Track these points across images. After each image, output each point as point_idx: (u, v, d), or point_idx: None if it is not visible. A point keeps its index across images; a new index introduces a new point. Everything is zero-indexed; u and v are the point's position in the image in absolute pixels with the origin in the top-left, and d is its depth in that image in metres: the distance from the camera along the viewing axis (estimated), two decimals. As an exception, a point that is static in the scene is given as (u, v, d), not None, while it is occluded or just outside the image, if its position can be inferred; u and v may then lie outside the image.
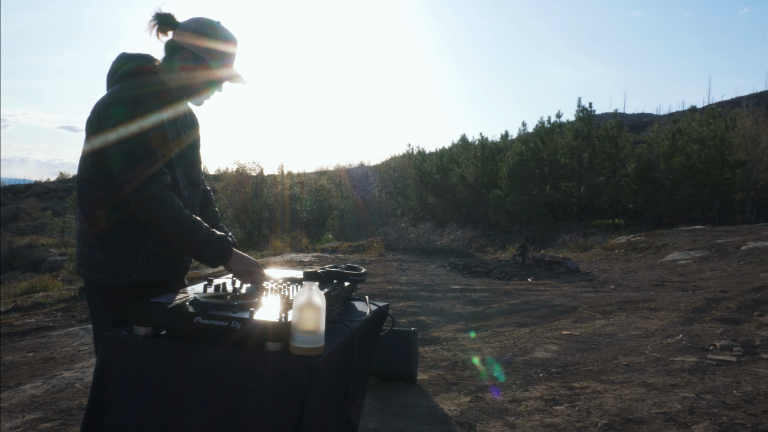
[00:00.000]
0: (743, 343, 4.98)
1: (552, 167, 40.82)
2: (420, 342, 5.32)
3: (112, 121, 1.92)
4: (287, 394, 1.62)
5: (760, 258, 11.53)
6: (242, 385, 1.66)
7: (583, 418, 3.39)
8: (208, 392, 1.68)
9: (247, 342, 1.67)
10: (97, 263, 2.06)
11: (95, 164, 2.00)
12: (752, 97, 68.47)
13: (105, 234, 2.05)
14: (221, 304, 1.80)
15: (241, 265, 2.09)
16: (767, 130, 36.39)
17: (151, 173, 1.92)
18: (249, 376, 1.66)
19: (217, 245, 2.02)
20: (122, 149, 1.91)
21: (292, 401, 1.61)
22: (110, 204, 2.01)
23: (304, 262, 11.63)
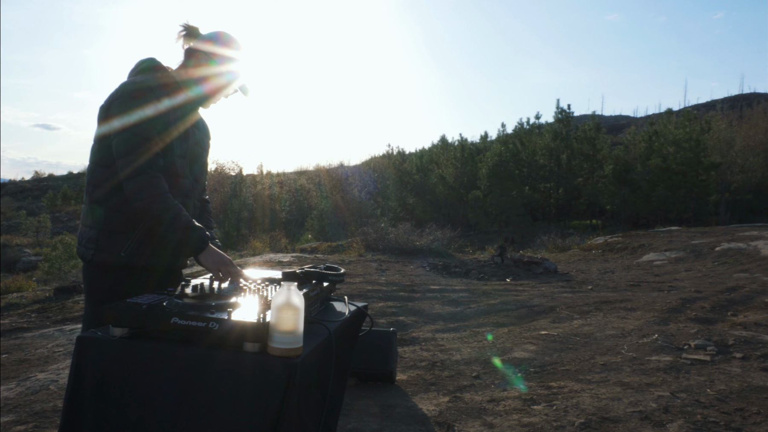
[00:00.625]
0: (717, 342, 5.06)
1: (531, 168, 41.11)
2: (399, 342, 5.33)
3: (118, 106, 2.10)
4: (265, 395, 1.61)
5: (733, 259, 11.72)
6: (220, 386, 1.65)
7: (560, 417, 3.42)
8: (185, 393, 1.67)
9: (225, 343, 1.66)
10: (89, 240, 2.19)
11: (102, 146, 2.16)
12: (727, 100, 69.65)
13: (104, 213, 2.17)
14: (199, 305, 1.79)
15: (213, 260, 2.14)
16: (741, 132, 37.04)
17: (143, 151, 2.07)
18: (227, 377, 1.65)
19: (191, 234, 2.10)
20: (124, 128, 2.07)
21: (270, 402, 1.61)
22: (112, 185, 2.15)
23: (283, 262, 11.59)
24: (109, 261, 2.16)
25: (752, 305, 6.76)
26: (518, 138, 42.80)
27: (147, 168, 2.06)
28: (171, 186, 2.19)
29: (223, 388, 1.65)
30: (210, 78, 2.33)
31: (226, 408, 1.64)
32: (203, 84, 2.34)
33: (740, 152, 35.00)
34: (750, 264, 10.97)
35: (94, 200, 2.18)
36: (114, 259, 2.16)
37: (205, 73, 2.32)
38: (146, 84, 2.16)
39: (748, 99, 67.00)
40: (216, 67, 2.31)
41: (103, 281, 2.18)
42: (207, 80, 2.33)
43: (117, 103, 2.11)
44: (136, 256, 2.18)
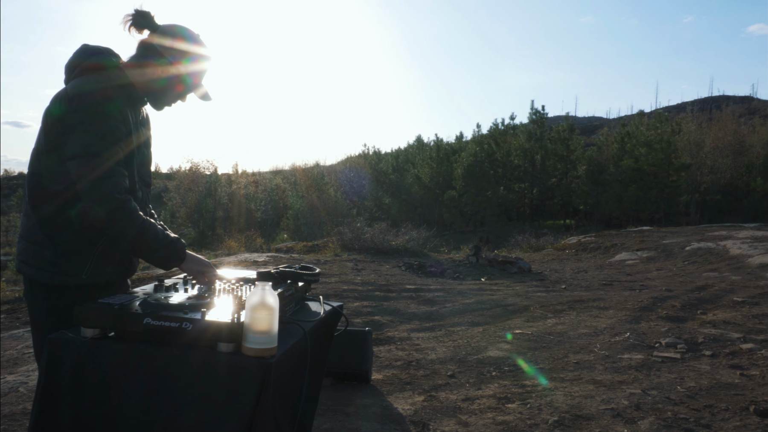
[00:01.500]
0: (687, 340, 5.15)
1: (505, 168, 41.45)
2: (374, 342, 5.33)
3: (75, 116, 1.86)
4: (240, 395, 1.60)
5: (703, 258, 11.93)
6: (194, 387, 1.64)
7: (534, 415, 3.45)
8: (159, 394, 1.65)
9: (199, 343, 1.65)
10: (44, 261, 1.98)
11: (51, 158, 1.92)
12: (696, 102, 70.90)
13: (55, 232, 1.97)
14: (172, 305, 1.77)
15: (195, 266, 2.06)
16: (710, 134, 37.76)
17: (107, 171, 1.86)
18: (201, 377, 1.64)
19: (172, 248, 1.99)
20: (82, 144, 1.84)
21: (244, 402, 1.60)
22: (63, 200, 1.93)
23: (259, 262, 11.52)
24: (70, 284, 2.00)
25: (721, 304, 6.89)
26: (493, 138, 43.13)
27: (115, 191, 1.85)
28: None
29: (197, 388, 1.64)
30: (170, 85, 2.09)
31: (200, 408, 1.63)
32: (161, 92, 2.10)
33: (710, 153, 35.69)
34: (719, 263, 11.18)
35: (45, 217, 1.97)
36: (75, 282, 2.00)
37: (165, 80, 2.07)
38: (104, 90, 1.92)
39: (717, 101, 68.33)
40: (178, 75, 2.07)
41: (58, 303, 2.00)
42: (166, 88, 2.09)
43: (76, 115, 1.86)
44: (96, 275, 2.04)
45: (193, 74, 2.10)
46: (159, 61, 2.04)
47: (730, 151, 36.28)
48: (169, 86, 2.09)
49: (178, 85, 2.10)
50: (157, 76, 2.06)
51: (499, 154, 41.79)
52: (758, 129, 41.18)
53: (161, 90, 2.10)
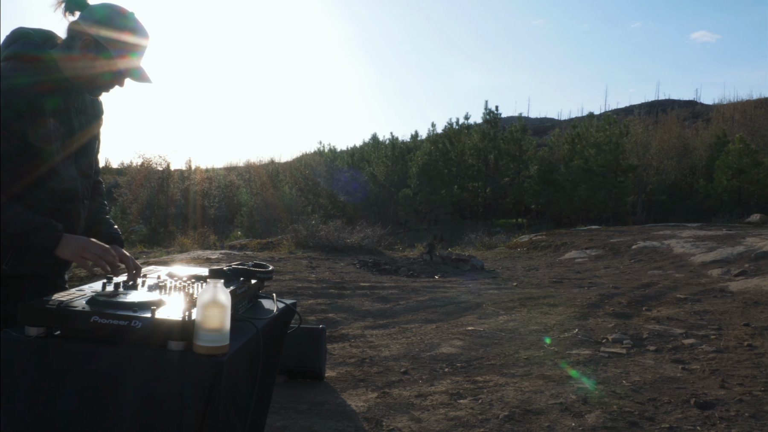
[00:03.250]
0: (632, 336, 5.31)
1: (460, 168, 41.87)
2: (328, 339, 5.33)
3: None
4: (191, 394, 1.59)
5: (648, 256, 12.30)
6: (143, 386, 1.61)
7: (485, 410, 3.51)
8: (108, 395, 1.62)
9: (148, 341, 1.62)
10: None
11: None
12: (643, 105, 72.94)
13: None
14: (120, 303, 1.74)
15: (70, 249, 1.92)
16: (656, 136, 38.95)
17: None
18: (150, 376, 1.61)
19: (41, 234, 1.86)
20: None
21: (196, 401, 1.58)
22: None
23: (212, 259, 11.37)
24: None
25: (665, 300, 7.13)
26: (448, 138, 43.50)
27: None
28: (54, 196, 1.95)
29: (147, 387, 1.61)
30: (103, 70, 1.95)
31: (150, 408, 1.61)
32: (94, 78, 1.97)
33: (655, 155, 36.81)
34: (663, 261, 11.54)
35: None
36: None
37: (97, 65, 1.93)
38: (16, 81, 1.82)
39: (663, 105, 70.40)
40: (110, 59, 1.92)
41: None
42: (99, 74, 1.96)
43: None
44: (18, 266, 1.94)
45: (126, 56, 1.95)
46: (88, 46, 1.91)
47: (675, 153, 37.49)
48: (99, 71, 1.96)
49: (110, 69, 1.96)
50: (87, 62, 1.93)
51: (454, 154, 42.19)
52: (701, 132, 42.66)
53: (92, 77, 1.97)
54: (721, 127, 40.00)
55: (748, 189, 30.39)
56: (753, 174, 29.56)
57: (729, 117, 45.02)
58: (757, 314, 6.13)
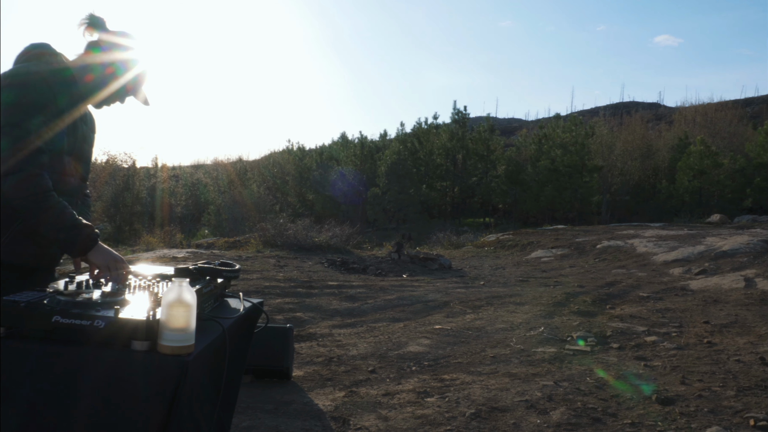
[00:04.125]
0: (596, 334, 5.40)
1: (428, 167, 42.04)
2: (296, 338, 5.31)
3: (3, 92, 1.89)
4: (155, 395, 1.57)
5: (612, 255, 12.51)
6: (107, 387, 1.59)
7: (452, 408, 3.54)
8: (70, 396, 1.59)
9: (112, 342, 1.60)
10: None
11: None
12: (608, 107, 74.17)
13: None
14: (83, 302, 1.71)
15: (104, 257, 2.01)
16: (621, 138, 39.63)
17: (27, 145, 1.87)
18: (114, 377, 1.59)
19: (76, 232, 1.94)
20: (6, 119, 1.85)
21: (160, 401, 1.57)
22: None
23: (178, 258, 11.23)
24: None
25: (628, 299, 7.26)
26: (416, 137, 43.64)
27: (28, 164, 1.86)
28: (57, 185, 2.02)
29: (110, 388, 1.59)
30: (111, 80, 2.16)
31: (113, 409, 1.59)
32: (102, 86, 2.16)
33: (620, 156, 37.44)
34: (627, 261, 11.76)
35: None
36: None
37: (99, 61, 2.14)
38: (37, 71, 1.97)
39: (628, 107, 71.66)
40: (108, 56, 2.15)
41: None
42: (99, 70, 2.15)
43: (4, 91, 1.89)
44: (11, 255, 1.99)
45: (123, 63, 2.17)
46: (92, 50, 2.13)
47: (639, 155, 38.18)
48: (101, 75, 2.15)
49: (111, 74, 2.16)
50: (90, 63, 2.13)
51: (422, 153, 42.35)
52: (664, 134, 43.54)
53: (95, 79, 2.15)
54: (683, 129, 40.85)
55: (708, 190, 31.11)
56: (713, 175, 30.30)
57: (691, 119, 46.01)
58: (716, 312, 6.28)
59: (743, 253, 10.35)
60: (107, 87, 2.19)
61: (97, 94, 2.19)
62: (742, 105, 53.56)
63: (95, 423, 1.59)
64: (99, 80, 2.17)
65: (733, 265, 9.57)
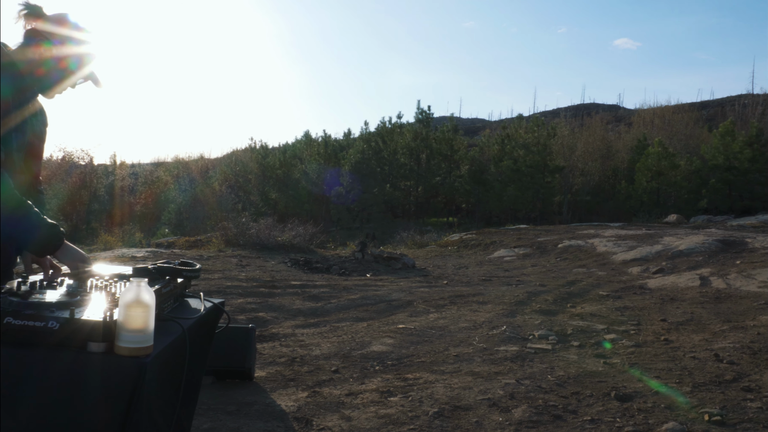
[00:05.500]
0: (557, 332, 5.47)
1: (392, 166, 42.09)
2: (258, 338, 5.26)
3: None
4: (113, 398, 1.53)
5: (573, 255, 12.72)
6: (62, 390, 1.55)
7: (415, 407, 3.54)
8: (24, 399, 1.54)
9: (67, 343, 1.56)
10: None
11: None
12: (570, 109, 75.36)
13: None
14: (36, 303, 1.66)
15: (72, 256, 1.98)
16: (582, 139, 40.29)
17: None
18: (69, 380, 1.55)
19: (53, 230, 1.91)
20: None
21: (117, 404, 1.53)
22: None
23: (137, 257, 11.03)
24: None
25: (588, 297, 7.39)
26: (380, 136, 43.64)
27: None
28: None
29: (65, 391, 1.55)
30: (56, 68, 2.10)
31: (69, 413, 1.54)
32: (48, 75, 2.10)
33: (581, 157, 38.06)
34: (587, 260, 11.97)
35: None
36: None
37: (50, 56, 2.08)
38: None
39: (588, 108, 72.90)
40: (61, 50, 2.09)
41: None
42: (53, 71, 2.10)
43: None
44: None
45: (77, 58, 2.12)
46: (44, 44, 2.07)
47: (599, 156, 38.86)
48: (54, 69, 2.10)
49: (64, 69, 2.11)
50: (42, 58, 2.07)
51: (386, 152, 42.38)
52: (623, 135, 44.40)
53: (47, 73, 2.10)
54: (642, 130, 41.71)
55: (665, 190, 31.82)
56: (670, 176, 31.01)
57: (649, 121, 47.04)
58: (673, 310, 6.43)
59: (699, 252, 10.62)
60: (61, 82, 2.14)
61: (47, 87, 2.15)
62: (698, 108, 55.01)
63: (49, 427, 1.54)
64: (52, 74, 2.12)
65: (689, 264, 9.82)
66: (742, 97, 58.06)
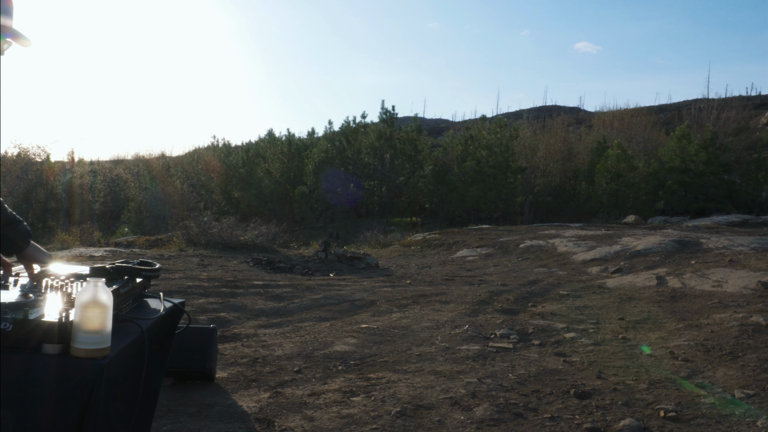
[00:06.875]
0: (519, 331, 5.54)
1: (356, 166, 42.05)
2: (220, 339, 5.20)
3: None
4: (69, 399, 1.50)
5: (534, 255, 12.89)
6: (16, 393, 1.51)
7: (378, 407, 3.55)
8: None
9: (21, 345, 1.52)
10: None
11: None
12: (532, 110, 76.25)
13: None
14: (-11, 304, 1.61)
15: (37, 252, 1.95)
16: (544, 140, 40.90)
17: None
18: (24, 382, 1.51)
19: (23, 228, 1.86)
20: None
21: (72, 407, 1.50)
22: None
23: (95, 257, 10.79)
24: None
25: (549, 297, 7.50)
26: (345, 136, 43.58)
27: None
28: None
29: (19, 394, 1.51)
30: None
31: (23, 416, 1.51)
32: None
33: (542, 158, 38.62)
34: (548, 260, 12.14)
35: None
36: None
37: None
38: None
39: (550, 110, 73.89)
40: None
41: None
42: None
43: None
44: None
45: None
46: None
47: (560, 157, 39.47)
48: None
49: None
50: None
51: (350, 152, 42.33)
52: (584, 137, 45.15)
53: None
54: (602, 133, 42.45)
55: (624, 192, 32.44)
56: (629, 178, 31.65)
57: (609, 124, 47.91)
58: (630, 309, 6.58)
59: (656, 252, 10.87)
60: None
61: None
62: (656, 111, 56.26)
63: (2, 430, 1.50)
64: None
65: (647, 264, 10.04)
66: (698, 102, 59.52)
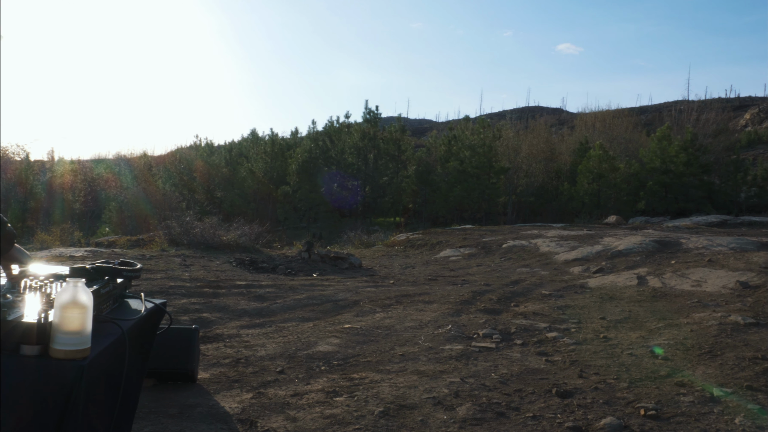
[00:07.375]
0: (501, 330, 5.57)
1: (339, 166, 41.99)
2: (202, 339, 5.17)
3: None
4: (48, 401, 1.48)
5: (517, 255, 12.96)
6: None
7: (361, 407, 3.55)
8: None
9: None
10: None
11: None
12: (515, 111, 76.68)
13: None
14: (-34, 305, 1.59)
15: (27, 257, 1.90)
16: (526, 141, 41.10)
17: None
18: (2, 384, 1.49)
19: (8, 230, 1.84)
20: None
21: (53, 409, 1.48)
22: None
23: (76, 257, 10.67)
24: None
25: (531, 296, 7.54)
26: (328, 136, 43.51)
27: None
28: None
29: None
30: None
31: (3, 418, 1.48)
32: None
33: (525, 159, 38.82)
34: (531, 260, 12.21)
35: None
36: None
37: None
38: None
39: (533, 111, 74.42)
40: None
41: None
42: None
43: None
44: None
45: None
46: None
47: (543, 157, 39.71)
48: None
49: None
50: None
51: (334, 152, 42.26)
52: (566, 138, 45.49)
53: None
54: (584, 134, 42.79)
55: (606, 192, 32.70)
56: (610, 178, 31.92)
57: (591, 125, 48.25)
58: (611, 308, 6.63)
59: (636, 252, 10.97)
60: None
61: None
62: (637, 113, 56.85)
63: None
64: None
65: (628, 263, 10.13)
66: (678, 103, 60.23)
